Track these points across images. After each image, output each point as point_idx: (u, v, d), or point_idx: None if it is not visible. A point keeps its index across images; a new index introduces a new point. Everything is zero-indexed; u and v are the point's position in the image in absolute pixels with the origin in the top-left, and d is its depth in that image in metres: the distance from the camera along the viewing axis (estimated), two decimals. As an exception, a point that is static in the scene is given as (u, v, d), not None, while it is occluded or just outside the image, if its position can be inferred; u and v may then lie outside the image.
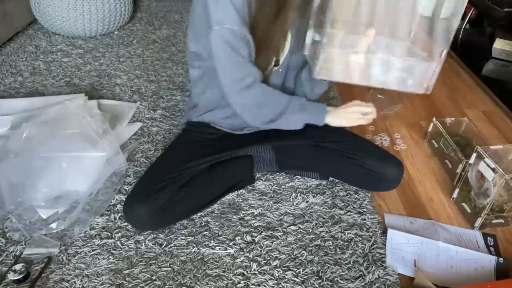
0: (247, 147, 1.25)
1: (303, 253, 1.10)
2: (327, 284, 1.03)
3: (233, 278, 1.04)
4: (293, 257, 1.09)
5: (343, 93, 1.77)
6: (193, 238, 1.14)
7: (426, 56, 0.89)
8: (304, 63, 1.19)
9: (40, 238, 1.11)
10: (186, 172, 1.14)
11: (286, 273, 1.05)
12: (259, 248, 1.11)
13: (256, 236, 1.14)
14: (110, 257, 1.08)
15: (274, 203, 1.25)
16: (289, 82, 1.25)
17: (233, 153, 1.23)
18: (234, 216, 1.20)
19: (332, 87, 1.78)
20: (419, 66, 0.87)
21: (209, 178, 1.19)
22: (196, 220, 1.19)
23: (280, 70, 1.18)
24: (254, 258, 1.09)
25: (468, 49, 2.12)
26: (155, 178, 1.11)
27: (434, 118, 1.48)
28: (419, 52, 0.91)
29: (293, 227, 1.17)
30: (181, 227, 1.16)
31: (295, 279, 1.04)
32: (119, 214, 1.19)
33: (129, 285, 1.01)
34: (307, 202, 1.25)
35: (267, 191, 1.29)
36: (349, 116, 1.16)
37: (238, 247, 1.11)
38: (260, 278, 1.04)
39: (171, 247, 1.11)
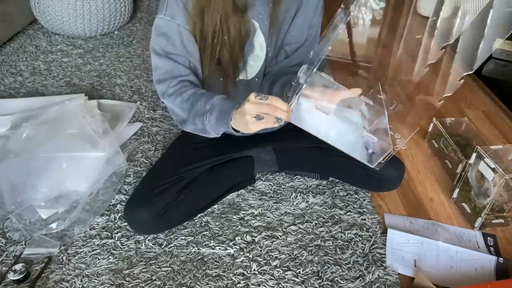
0: (247, 149, 1.25)
1: (303, 253, 1.10)
2: (327, 284, 1.03)
3: (233, 278, 1.04)
4: (293, 257, 1.09)
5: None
6: (193, 238, 1.14)
7: (388, 136, 0.91)
8: (279, 74, 1.12)
9: (40, 238, 1.11)
10: (186, 175, 1.14)
11: (286, 273, 1.05)
12: (259, 248, 1.11)
13: (256, 236, 1.14)
14: (110, 257, 1.08)
15: (274, 203, 1.25)
16: (263, 91, 1.18)
17: (234, 154, 1.23)
18: (234, 216, 1.20)
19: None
20: (376, 145, 0.89)
21: (209, 180, 1.19)
22: (196, 220, 1.19)
23: (257, 79, 1.14)
24: (254, 258, 1.09)
25: (468, 49, 2.12)
26: (155, 182, 1.11)
27: (434, 118, 1.47)
28: (387, 128, 0.92)
29: (293, 227, 1.17)
30: (181, 227, 1.16)
31: (295, 279, 1.04)
32: (119, 214, 1.19)
33: (129, 285, 1.01)
34: (307, 202, 1.25)
35: (267, 191, 1.29)
36: (244, 121, 0.88)
37: (238, 247, 1.11)
38: (260, 278, 1.04)
39: (171, 247, 1.11)
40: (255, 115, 0.84)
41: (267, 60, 1.11)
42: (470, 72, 0.80)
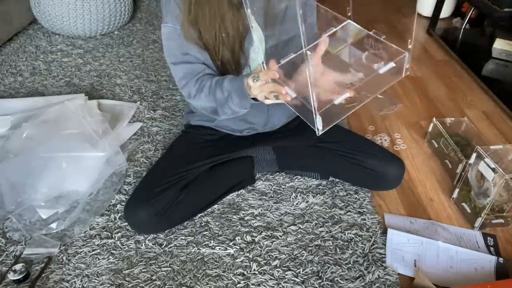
0: (247, 148, 1.25)
1: (303, 253, 1.10)
2: (327, 284, 1.03)
3: (233, 278, 1.04)
4: (293, 257, 1.09)
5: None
6: (193, 238, 1.14)
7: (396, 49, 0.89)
8: None
9: (40, 238, 1.11)
10: (187, 174, 1.14)
11: (286, 273, 1.05)
12: (259, 248, 1.11)
13: (256, 236, 1.14)
14: (110, 257, 1.08)
15: (274, 203, 1.25)
16: None
17: (234, 154, 1.23)
18: (234, 216, 1.20)
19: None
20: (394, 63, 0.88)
21: (209, 179, 1.19)
22: (196, 220, 1.19)
23: None
24: (254, 258, 1.09)
25: (468, 49, 2.12)
26: (155, 181, 1.11)
27: (434, 118, 1.47)
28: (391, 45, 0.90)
29: (293, 227, 1.17)
30: (181, 227, 1.16)
31: (295, 279, 1.04)
32: (119, 214, 1.19)
33: (129, 285, 1.02)
34: (307, 202, 1.25)
35: (267, 191, 1.29)
36: (260, 94, 0.95)
37: (238, 247, 1.11)
38: (260, 278, 1.04)
39: (171, 247, 1.11)
40: (264, 97, 0.92)
41: (268, 51, 1.11)
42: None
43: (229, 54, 1.05)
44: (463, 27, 2.29)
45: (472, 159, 1.19)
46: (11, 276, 0.99)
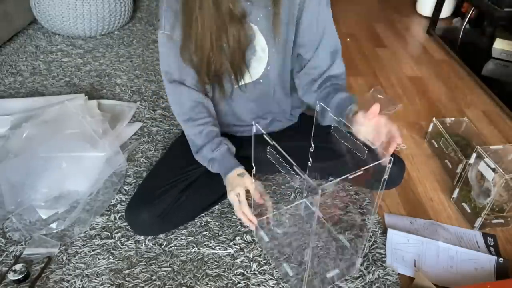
0: (247, 149, 1.25)
1: (303, 253, 1.10)
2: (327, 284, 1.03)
3: (233, 278, 1.04)
4: (293, 257, 1.09)
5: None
6: (193, 238, 1.14)
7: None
8: (325, 87, 1.11)
9: (40, 238, 1.11)
10: (187, 176, 1.14)
11: (286, 273, 1.05)
12: (259, 248, 1.11)
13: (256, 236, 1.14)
14: (110, 257, 1.08)
15: (274, 203, 1.25)
16: (278, 94, 1.18)
17: (233, 154, 1.23)
18: (234, 216, 1.20)
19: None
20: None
21: (209, 181, 1.19)
22: (196, 220, 1.19)
23: (261, 81, 1.12)
24: (254, 258, 1.09)
25: (468, 49, 2.13)
26: (156, 183, 1.11)
27: (434, 118, 1.48)
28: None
29: (292, 227, 1.17)
30: (181, 227, 1.16)
31: (295, 279, 1.04)
32: (119, 214, 1.19)
33: (129, 285, 1.02)
34: (307, 202, 1.25)
35: (267, 191, 1.29)
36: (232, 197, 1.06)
37: (238, 247, 1.11)
38: (260, 278, 1.04)
39: (171, 247, 1.11)
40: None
41: (272, 61, 1.09)
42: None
43: (229, 64, 1.03)
44: (463, 27, 2.29)
45: (472, 159, 1.19)
46: (11, 276, 0.99)
